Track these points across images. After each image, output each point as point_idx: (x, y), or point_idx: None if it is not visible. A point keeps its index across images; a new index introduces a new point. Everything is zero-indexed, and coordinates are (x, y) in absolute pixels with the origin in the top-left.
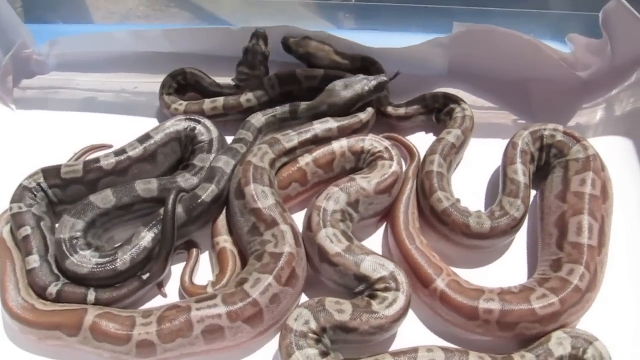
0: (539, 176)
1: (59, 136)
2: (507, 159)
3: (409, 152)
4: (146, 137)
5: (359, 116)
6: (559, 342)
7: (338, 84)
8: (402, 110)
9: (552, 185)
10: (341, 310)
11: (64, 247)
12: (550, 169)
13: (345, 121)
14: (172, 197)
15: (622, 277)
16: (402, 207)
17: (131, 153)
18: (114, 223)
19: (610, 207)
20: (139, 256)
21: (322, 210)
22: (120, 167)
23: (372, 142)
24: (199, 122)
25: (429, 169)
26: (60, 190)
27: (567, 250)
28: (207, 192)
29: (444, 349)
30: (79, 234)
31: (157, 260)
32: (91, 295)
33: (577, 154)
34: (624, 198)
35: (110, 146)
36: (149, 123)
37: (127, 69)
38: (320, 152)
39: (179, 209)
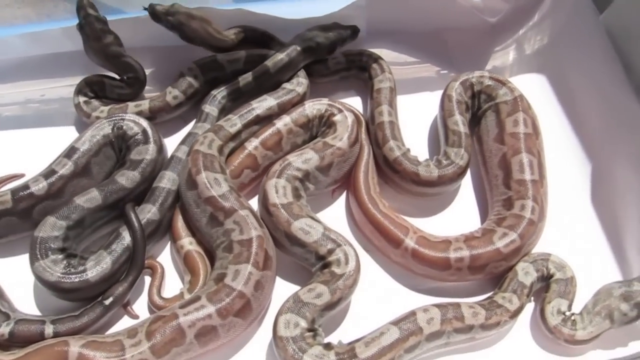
0: (472, 122)
1: None
2: (446, 112)
3: (355, 117)
4: (72, 150)
5: (296, 90)
6: (525, 272)
7: (312, 30)
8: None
9: (488, 130)
10: (318, 294)
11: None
12: (482, 114)
13: (285, 97)
14: (132, 215)
15: (559, 200)
16: (362, 174)
17: (62, 171)
18: (76, 242)
19: (542, 141)
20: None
21: (287, 163)
22: (54, 189)
23: (312, 107)
24: (122, 118)
25: (380, 120)
26: None
27: (514, 188)
28: None
29: (438, 306)
30: (64, 261)
31: (122, 283)
32: (49, 328)
33: (504, 96)
34: (548, 129)
35: (22, 175)
36: (67, 133)
37: (29, 76)
38: (267, 134)
39: None
